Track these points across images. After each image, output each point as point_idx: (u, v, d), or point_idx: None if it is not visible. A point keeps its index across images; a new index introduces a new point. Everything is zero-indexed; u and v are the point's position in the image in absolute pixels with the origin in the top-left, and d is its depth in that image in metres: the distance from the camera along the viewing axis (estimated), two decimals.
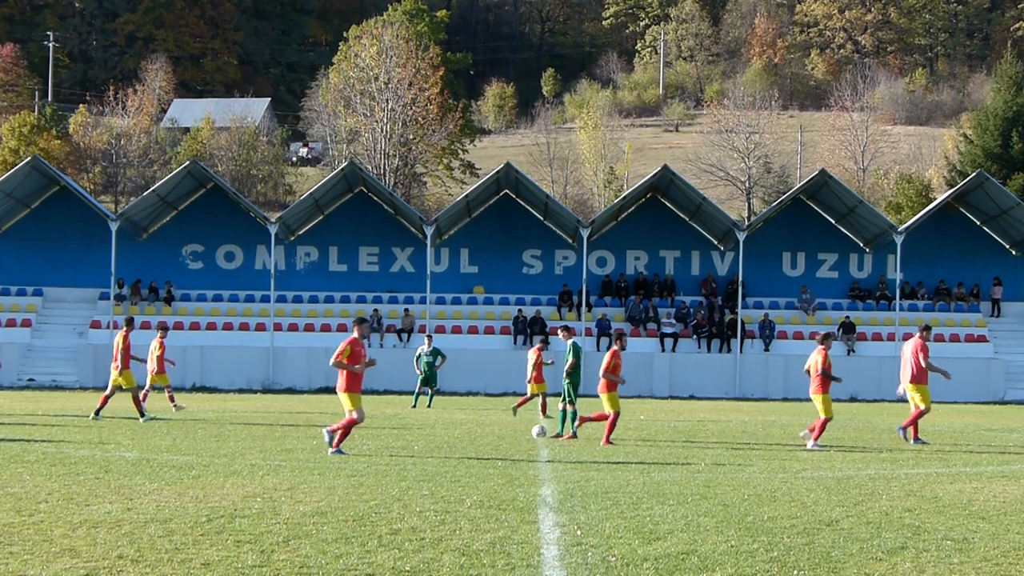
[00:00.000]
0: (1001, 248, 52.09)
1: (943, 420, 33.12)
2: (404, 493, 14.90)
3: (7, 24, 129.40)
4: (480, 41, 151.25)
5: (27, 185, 49.86)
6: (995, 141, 64.58)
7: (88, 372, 46.56)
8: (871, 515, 13.55)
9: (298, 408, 32.83)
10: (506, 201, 52.66)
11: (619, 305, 50.59)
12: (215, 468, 17.37)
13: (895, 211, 67.26)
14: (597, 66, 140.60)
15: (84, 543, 11.18)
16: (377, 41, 79.13)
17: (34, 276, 50.90)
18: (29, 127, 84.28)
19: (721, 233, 51.78)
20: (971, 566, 10.75)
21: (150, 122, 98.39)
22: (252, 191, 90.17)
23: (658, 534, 12.11)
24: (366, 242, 52.49)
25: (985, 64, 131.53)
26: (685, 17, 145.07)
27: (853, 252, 52.67)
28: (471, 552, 11.02)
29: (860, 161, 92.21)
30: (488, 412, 33.01)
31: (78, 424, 25.74)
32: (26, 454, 18.92)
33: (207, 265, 52.19)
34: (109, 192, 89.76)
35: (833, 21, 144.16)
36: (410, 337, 47.72)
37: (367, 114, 77.96)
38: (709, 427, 28.35)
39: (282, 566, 10.28)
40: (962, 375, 46.76)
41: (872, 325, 49.50)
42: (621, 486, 15.86)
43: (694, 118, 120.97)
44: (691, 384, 46.82)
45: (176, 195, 51.13)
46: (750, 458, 20.20)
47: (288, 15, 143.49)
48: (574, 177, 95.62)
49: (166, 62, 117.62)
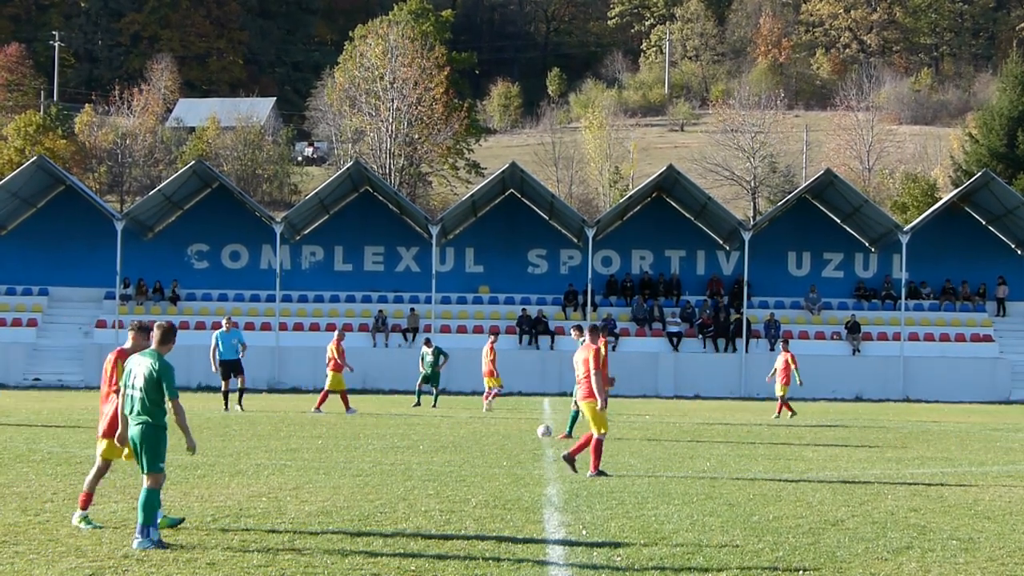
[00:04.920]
0: (1007, 248, 52.00)
1: (948, 420, 33.06)
2: (409, 493, 14.91)
3: (13, 24, 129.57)
4: (485, 40, 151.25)
5: (32, 185, 49.89)
6: (1001, 141, 64.47)
7: (93, 372, 46.44)
8: (877, 515, 13.54)
9: (303, 408, 32.83)
10: (511, 201, 52.64)
11: (624, 305, 50.56)
12: (220, 468, 17.39)
13: (900, 211, 67.20)
14: (602, 66, 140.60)
15: (89, 543, 11.19)
16: (382, 40, 79.17)
17: (39, 276, 50.92)
18: (35, 127, 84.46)
19: (726, 233, 51.73)
20: (976, 566, 10.74)
21: (155, 122, 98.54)
22: (257, 191, 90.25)
23: (663, 534, 12.10)
24: (371, 242, 52.48)
25: (991, 64, 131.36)
26: (690, 17, 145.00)
27: (858, 252, 52.59)
28: (476, 552, 11.03)
29: (865, 161, 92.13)
30: (493, 412, 33.00)
31: (83, 424, 25.75)
32: (32, 454, 18.95)
33: (212, 264, 52.20)
34: (114, 192, 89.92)
35: (838, 20, 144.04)
36: (415, 336, 47.74)
37: (372, 114, 77.98)
38: (714, 427, 28.34)
39: (287, 566, 10.29)
40: (968, 375, 46.83)
41: (877, 325, 49.43)
42: (626, 486, 15.86)
43: (699, 118, 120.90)
44: (696, 384, 46.77)
45: (181, 195, 51.15)
46: (755, 458, 20.18)
47: (293, 14, 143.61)
48: (579, 177, 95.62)
49: (171, 62, 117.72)
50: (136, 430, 11.38)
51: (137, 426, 11.38)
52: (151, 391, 11.33)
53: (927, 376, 46.76)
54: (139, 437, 11.38)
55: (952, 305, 50.53)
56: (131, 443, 11.45)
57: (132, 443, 11.43)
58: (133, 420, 11.41)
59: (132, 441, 11.43)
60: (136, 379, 11.42)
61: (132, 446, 11.46)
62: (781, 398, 32.14)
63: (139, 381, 11.38)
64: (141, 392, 11.35)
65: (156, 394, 11.34)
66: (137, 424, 11.38)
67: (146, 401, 11.34)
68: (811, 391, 45.72)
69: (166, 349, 11.61)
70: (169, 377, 11.36)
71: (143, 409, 11.35)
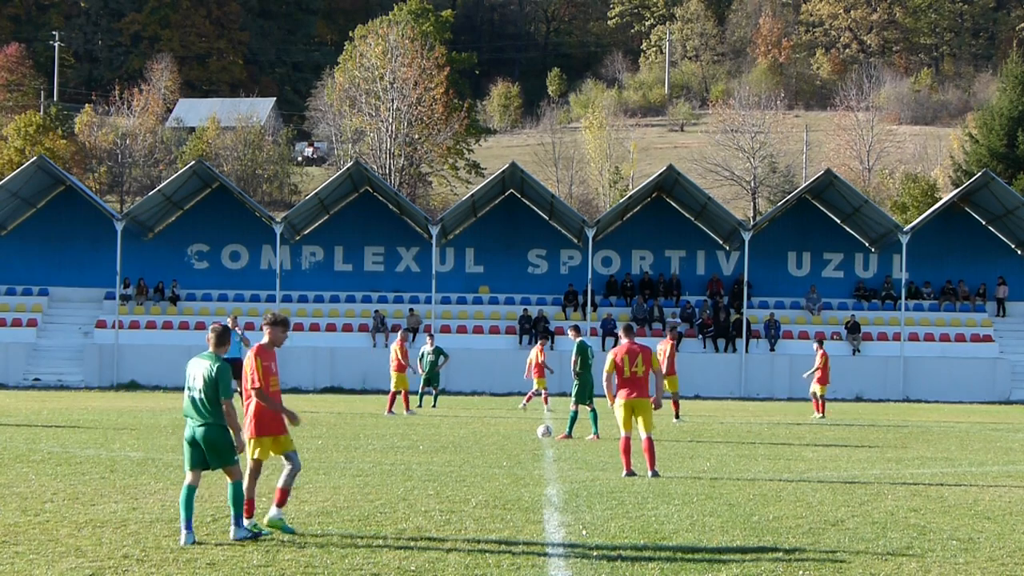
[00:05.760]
0: (1007, 248, 52.01)
1: (949, 420, 33.06)
2: (409, 493, 14.91)
3: (13, 24, 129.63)
4: (485, 41, 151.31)
5: (33, 185, 49.89)
6: (1001, 141, 64.47)
7: (93, 372, 46.59)
8: (877, 515, 13.54)
9: (303, 408, 32.79)
10: (511, 201, 52.64)
11: (624, 305, 50.56)
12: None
13: (900, 211, 67.21)
14: (602, 66, 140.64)
15: (89, 543, 11.19)
16: (382, 41, 79.15)
17: (40, 276, 50.93)
18: (35, 127, 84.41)
19: (726, 233, 51.73)
20: (976, 566, 10.74)
21: (155, 122, 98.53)
22: (257, 191, 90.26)
23: (663, 534, 12.10)
24: (371, 242, 52.49)
25: (991, 64, 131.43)
26: (690, 17, 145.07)
27: (858, 252, 52.59)
28: (476, 552, 11.03)
29: (865, 161, 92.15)
30: (493, 412, 33.01)
31: (83, 424, 25.76)
32: (31, 454, 18.95)
33: (212, 265, 52.20)
34: (115, 192, 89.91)
35: (838, 21, 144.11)
36: (415, 337, 47.75)
37: (372, 114, 77.97)
38: (714, 427, 28.34)
39: (287, 566, 10.30)
40: (968, 375, 46.84)
41: (877, 325, 49.43)
42: (626, 486, 15.86)
43: (699, 118, 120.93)
44: (696, 384, 46.72)
45: (182, 195, 51.15)
46: (755, 458, 20.18)
47: (294, 15, 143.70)
48: (579, 177, 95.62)
49: (171, 62, 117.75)
50: (200, 431, 11.61)
51: (201, 427, 11.61)
52: (210, 392, 11.56)
53: (927, 376, 46.77)
54: (203, 438, 11.60)
55: (952, 305, 50.53)
56: (196, 444, 11.66)
57: (197, 444, 11.65)
58: (195, 421, 11.63)
59: (197, 442, 11.65)
60: (195, 381, 11.65)
61: (197, 447, 11.67)
62: (821, 396, 32.46)
63: (198, 383, 11.62)
64: (200, 394, 11.59)
65: (215, 395, 11.56)
66: (200, 426, 11.61)
67: (206, 402, 11.58)
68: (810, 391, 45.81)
69: (223, 351, 11.86)
70: (226, 379, 11.61)
71: (204, 410, 11.59)
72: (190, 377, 11.68)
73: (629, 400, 17.09)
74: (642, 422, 17.16)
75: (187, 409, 11.65)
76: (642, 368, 17.18)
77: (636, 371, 17.13)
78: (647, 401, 17.23)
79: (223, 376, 11.55)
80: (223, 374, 11.55)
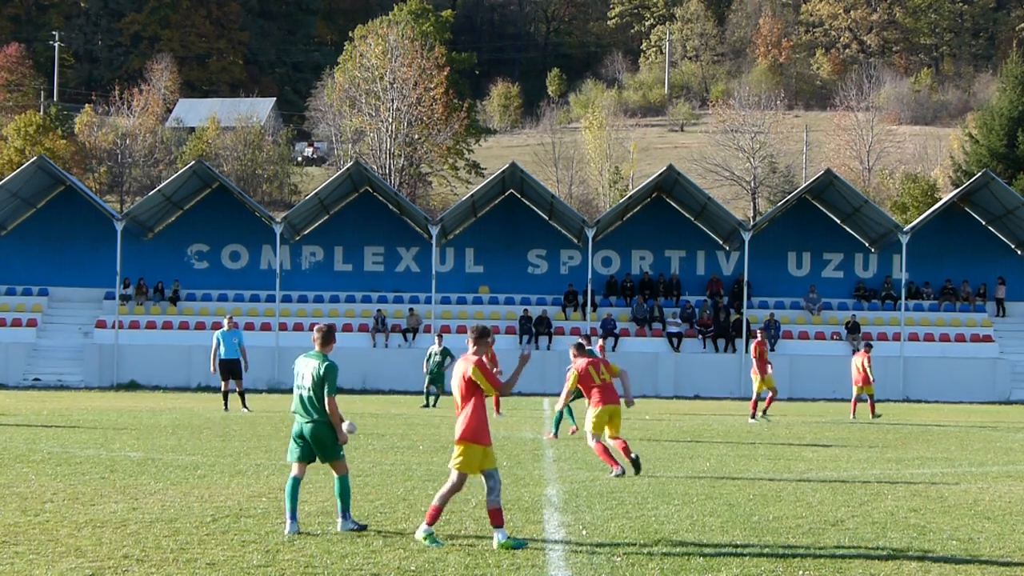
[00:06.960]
0: (1007, 248, 52.00)
1: (948, 420, 33.05)
2: (409, 493, 14.91)
3: (12, 24, 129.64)
4: (485, 41, 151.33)
5: (32, 185, 49.88)
6: (1001, 141, 64.47)
7: (93, 372, 46.57)
8: (876, 515, 13.54)
9: None
10: (511, 201, 52.64)
11: (624, 305, 50.56)
12: (220, 468, 17.39)
13: (900, 211, 67.22)
14: (602, 66, 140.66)
15: (89, 543, 11.19)
16: (382, 41, 79.15)
17: (39, 276, 50.91)
18: (35, 127, 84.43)
19: (726, 233, 51.73)
20: (976, 566, 10.75)
21: (155, 122, 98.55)
22: (257, 191, 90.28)
23: (663, 534, 12.11)
24: (371, 242, 52.48)
25: (991, 64, 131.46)
26: (690, 17, 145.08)
27: (858, 252, 52.58)
28: (476, 552, 11.03)
29: (865, 161, 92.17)
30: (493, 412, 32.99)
31: (83, 424, 25.73)
32: (31, 454, 18.95)
33: (212, 265, 52.19)
34: (114, 192, 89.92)
35: (838, 21, 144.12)
36: (415, 337, 47.74)
37: (372, 114, 77.96)
38: (714, 427, 28.34)
39: (287, 566, 10.30)
40: (968, 375, 46.84)
41: (877, 325, 49.42)
42: (626, 486, 15.86)
43: (699, 118, 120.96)
44: (696, 384, 46.77)
45: (181, 195, 51.14)
46: (755, 458, 20.18)
47: (294, 15, 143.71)
48: (579, 177, 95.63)
49: (171, 62, 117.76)
50: (308, 428, 12.06)
51: (308, 424, 12.06)
52: (318, 390, 11.98)
53: (927, 376, 46.78)
54: (311, 434, 12.05)
55: (952, 305, 50.53)
56: (303, 439, 12.09)
57: (304, 439, 12.08)
58: (303, 418, 12.07)
59: (304, 437, 12.08)
60: (304, 379, 12.09)
61: (304, 442, 12.10)
62: (871, 397, 32.73)
63: (307, 381, 12.05)
64: (309, 392, 12.04)
65: (322, 392, 11.98)
66: (308, 422, 12.05)
67: (314, 399, 12.01)
68: (811, 391, 45.85)
69: (329, 349, 12.28)
70: (332, 377, 12.01)
71: (312, 407, 12.03)
72: (298, 375, 12.14)
73: (607, 407, 17.77)
74: (613, 427, 17.83)
75: (296, 406, 12.11)
76: (608, 375, 18.03)
77: (605, 378, 17.96)
78: (619, 407, 17.94)
79: (330, 374, 11.96)
80: (330, 372, 11.97)
